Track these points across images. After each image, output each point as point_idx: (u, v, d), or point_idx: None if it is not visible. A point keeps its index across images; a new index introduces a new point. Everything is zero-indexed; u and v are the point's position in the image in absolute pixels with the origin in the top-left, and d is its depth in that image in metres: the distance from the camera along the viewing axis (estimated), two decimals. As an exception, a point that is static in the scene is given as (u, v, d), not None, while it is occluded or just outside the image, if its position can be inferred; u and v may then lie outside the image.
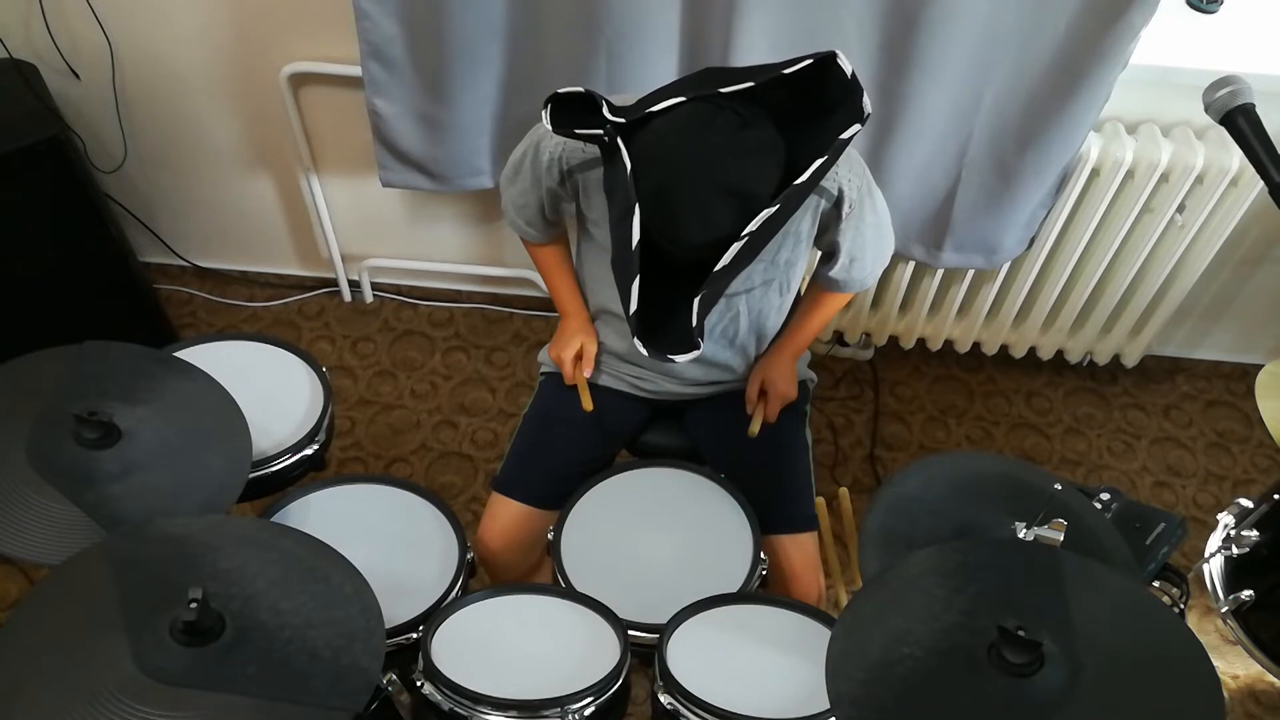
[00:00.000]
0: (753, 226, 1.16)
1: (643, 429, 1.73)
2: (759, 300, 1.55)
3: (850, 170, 1.40)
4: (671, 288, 1.22)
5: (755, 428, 1.61)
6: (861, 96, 1.17)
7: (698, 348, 1.23)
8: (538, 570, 1.74)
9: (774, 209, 1.17)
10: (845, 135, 1.17)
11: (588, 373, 1.64)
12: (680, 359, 1.23)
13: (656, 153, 1.18)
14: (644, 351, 1.25)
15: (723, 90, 1.19)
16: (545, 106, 1.20)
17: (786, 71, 1.18)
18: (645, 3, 1.76)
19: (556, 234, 1.64)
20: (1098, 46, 1.72)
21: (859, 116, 1.17)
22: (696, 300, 1.20)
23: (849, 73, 1.17)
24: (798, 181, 1.17)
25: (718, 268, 1.18)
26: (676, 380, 1.65)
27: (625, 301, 1.23)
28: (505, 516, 1.60)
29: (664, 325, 1.24)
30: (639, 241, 1.18)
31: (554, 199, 1.52)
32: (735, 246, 1.17)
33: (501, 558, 1.61)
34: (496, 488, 1.62)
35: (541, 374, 1.73)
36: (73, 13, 2.06)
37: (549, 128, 1.22)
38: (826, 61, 1.17)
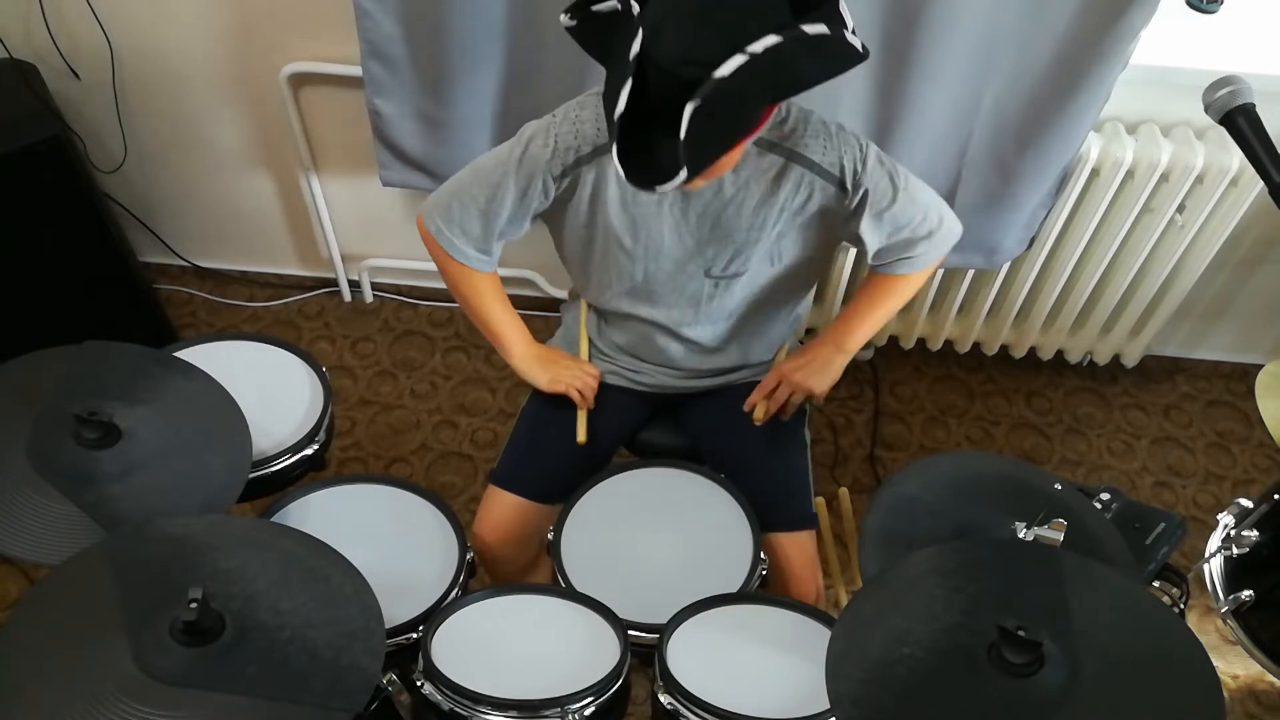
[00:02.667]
0: (755, 48, 1.11)
1: (641, 426, 1.73)
2: (752, 275, 1.51)
3: (846, 145, 1.38)
4: (652, 120, 1.16)
5: (759, 414, 1.60)
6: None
7: (681, 171, 1.15)
8: (535, 567, 1.74)
9: (777, 41, 1.12)
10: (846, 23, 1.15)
11: (589, 402, 1.64)
12: (664, 188, 1.17)
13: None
14: (622, 174, 1.18)
15: None
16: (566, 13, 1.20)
17: None
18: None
19: (493, 261, 1.60)
20: (1098, 46, 1.72)
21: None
22: (690, 106, 1.11)
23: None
24: (805, 28, 1.13)
25: (716, 74, 1.11)
26: (674, 373, 1.65)
27: (611, 109, 1.16)
28: (501, 510, 1.60)
29: (649, 155, 1.18)
30: (637, 53, 1.14)
31: (524, 204, 1.45)
32: (736, 59, 1.11)
33: (497, 552, 1.61)
34: (493, 481, 1.62)
35: None
36: (73, 13, 2.06)
37: (566, 19, 1.21)
38: None
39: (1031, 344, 2.41)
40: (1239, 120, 1.26)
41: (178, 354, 1.54)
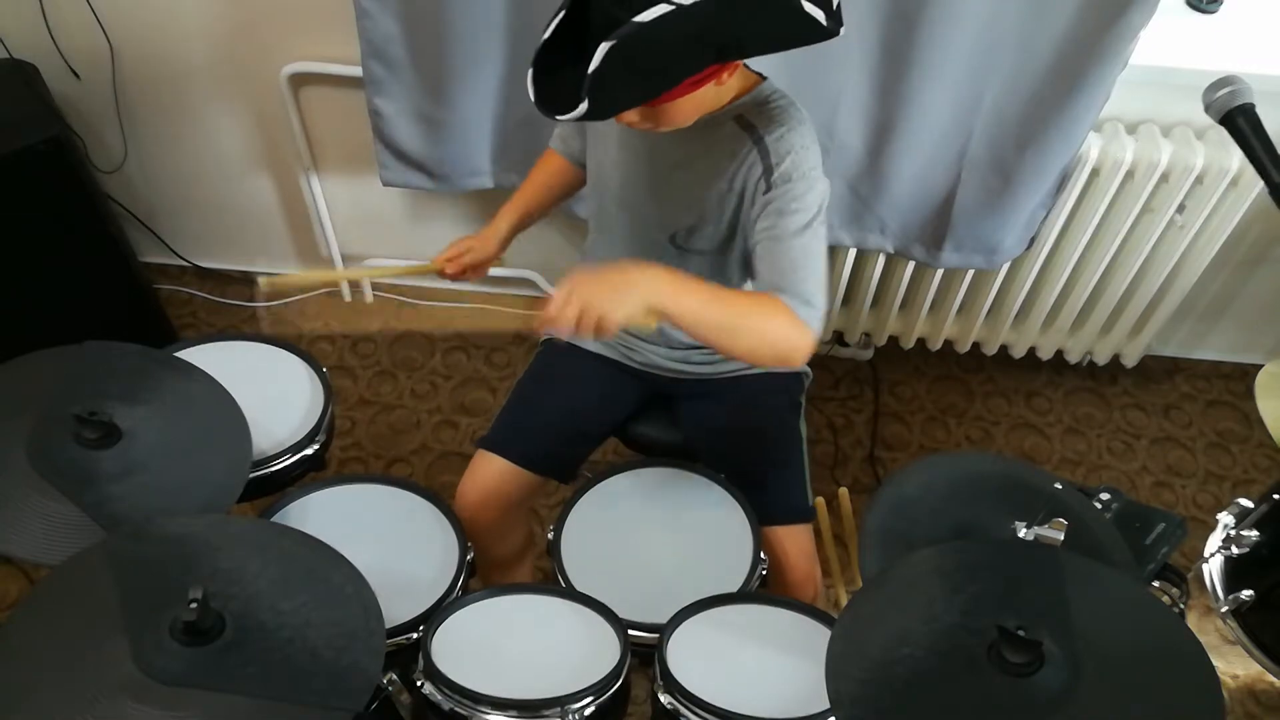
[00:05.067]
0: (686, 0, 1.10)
1: (633, 411, 1.72)
2: (715, 256, 1.49)
3: (802, 148, 1.32)
4: (570, 51, 1.15)
5: (535, 324, 1.28)
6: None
7: (579, 105, 1.13)
8: (522, 560, 1.74)
9: None
10: None
11: (443, 264, 1.70)
12: (563, 117, 1.15)
13: None
14: (531, 91, 1.18)
15: None
16: None
17: None
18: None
19: (575, 151, 1.65)
20: (1098, 46, 1.72)
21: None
22: (604, 45, 1.11)
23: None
24: None
25: (636, 18, 1.10)
26: (663, 351, 1.65)
27: (544, 30, 1.18)
28: (485, 472, 1.60)
29: (558, 83, 1.17)
30: None
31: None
32: (660, 7, 1.10)
33: (479, 516, 1.60)
34: (481, 444, 1.62)
35: (543, 340, 1.75)
36: (73, 13, 2.06)
37: None
38: None
39: (1031, 344, 2.41)
40: (1239, 120, 1.26)
41: (178, 354, 1.54)
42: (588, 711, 1.25)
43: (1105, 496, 1.37)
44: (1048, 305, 2.28)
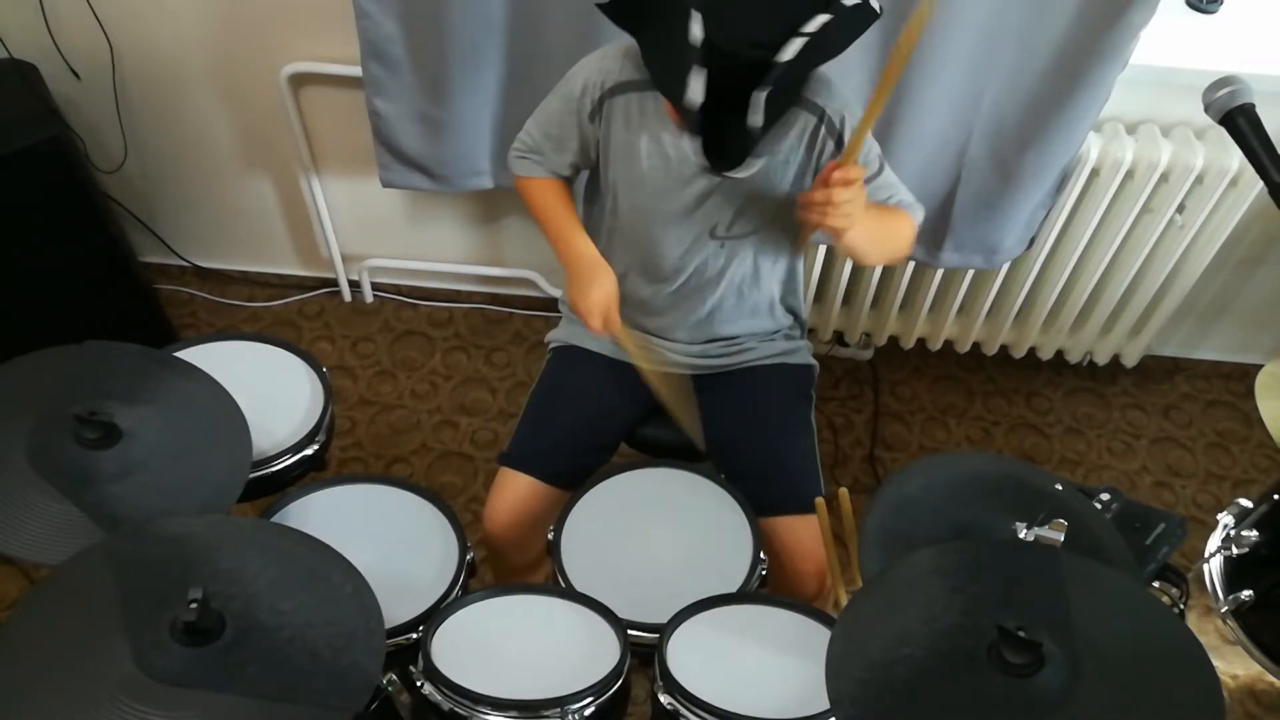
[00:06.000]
0: (809, 28, 1.18)
1: (645, 413, 1.71)
2: (757, 239, 1.53)
3: (844, 102, 1.42)
4: (725, 106, 1.21)
5: (802, 238, 1.55)
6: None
7: (748, 161, 1.25)
8: (538, 567, 1.74)
9: (829, 19, 1.18)
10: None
11: (612, 325, 1.50)
12: (737, 174, 1.26)
13: None
14: (705, 162, 1.27)
15: None
16: None
17: None
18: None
19: (561, 166, 1.54)
20: (1098, 46, 1.72)
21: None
22: (763, 95, 1.18)
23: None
24: (847, 3, 1.20)
25: (779, 58, 1.17)
26: (681, 347, 1.66)
27: (678, 95, 1.21)
28: (513, 493, 1.58)
29: (721, 141, 1.25)
30: (701, 38, 1.18)
31: (577, 136, 1.48)
32: (796, 42, 1.18)
33: (508, 536, 1.59)
34: (505, 462, 1.60)
35: (550, 349, 1.74)
36: (73, 13, 2.06)
37: None
38: None
39: (1031, 344, 2.41)
40: (1239, 120, 1.27)
41: (178, 354, 1.54)
42: (588, 712, 1.25)
43: (1105, 496, 1.37)
44: (1048, 305, 2.28)
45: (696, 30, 1.17)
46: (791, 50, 1.17)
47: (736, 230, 1.50)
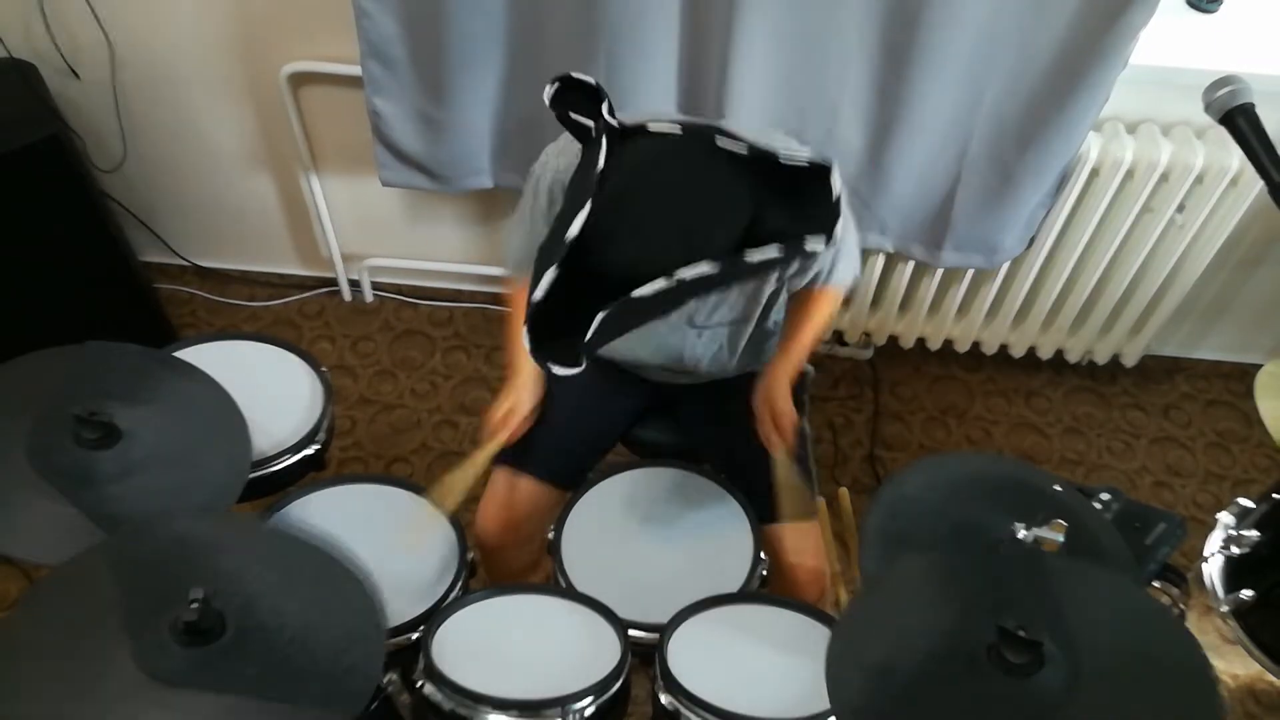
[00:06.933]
0: (685, 275, 1.10)
1: (640, 414, 1.72)
2: (734, 326, 1.53)
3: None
4: (586, 302, 1.13)
5: (781, 466, 1.53)
6: (836, 221, 1.12)
7: (580, 365, 1.14)
8: (536, 569, 1.74)
9: (711, 271, 1.10)
10: (807, 248, 1.12)
11: (505, 434, 1.54)
12: (559, 370, 1.14)
13: (629, 162, 1.14)
14: (527, 347, 1.14)
15: (718, 141, 1.15)
16: (552, 84, 1.16)
17: (781, 159, 1.14)
18: (645, 3, 1.76)
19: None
20: (1098, 46, 1.72)
21: (828, 233, 1.12)
22: (600, 315, 1.10)
23: (835, 194, 1.12)
24: (746, 258, 1.12)
25: (635, 294, 1.10)
26: (676, 374, 1.64)
27: (532, 288, 1.13)
28: (506, 492, 1.58)
29: (559, 334, 1.15)
30: (574, 236, 1.10)
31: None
32: (659, 283, 1.09)
33: (501, 540, 1.59)
34: (500, 462, 1.59)
35: None
36: (73, 13, 2.06)
37: (547, 101, 1.16)
38: (822, 171, 1.13)
39: (1031, 344, 2.41)
40: (1239, 120, 1.26)
41: (178, 354, 1.54)
42: (588, 712, 1.25)
43: (1105, 496, 1.38)
44: (1047, 305, 2.28)
45: (575, 229, 1.09)
46: (650, 289, 1.09)
47: (716, 319, 1.50)
